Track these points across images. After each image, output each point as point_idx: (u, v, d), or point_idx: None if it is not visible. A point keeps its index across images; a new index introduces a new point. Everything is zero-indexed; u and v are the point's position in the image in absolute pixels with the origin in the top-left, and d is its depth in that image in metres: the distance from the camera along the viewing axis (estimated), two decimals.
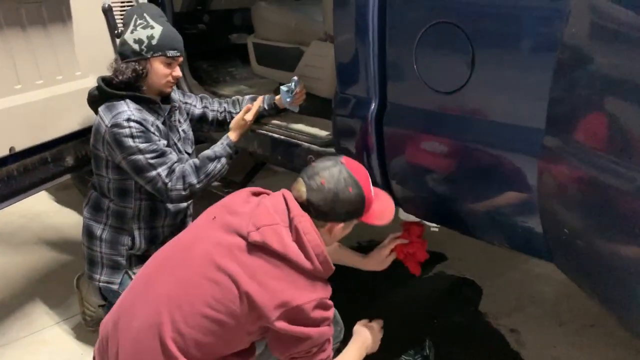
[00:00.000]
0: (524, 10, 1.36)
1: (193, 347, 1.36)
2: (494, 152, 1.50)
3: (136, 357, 1.39)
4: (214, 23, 3.33)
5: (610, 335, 2.15)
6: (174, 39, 1.91)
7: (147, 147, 1.83)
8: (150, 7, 1.99)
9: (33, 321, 2.38)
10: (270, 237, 1.37)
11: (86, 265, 2.06)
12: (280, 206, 1.45)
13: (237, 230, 1.42)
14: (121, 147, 1.83)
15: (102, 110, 1.88)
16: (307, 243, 1.39)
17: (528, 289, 2.51)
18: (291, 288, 1.35)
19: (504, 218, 1.57)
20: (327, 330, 1.43)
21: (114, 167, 1.92)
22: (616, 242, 1.21)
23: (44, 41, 2.04)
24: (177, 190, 1.89)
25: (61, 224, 3.29)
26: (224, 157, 2.00)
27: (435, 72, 1.57)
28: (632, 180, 1.12)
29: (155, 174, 1.85)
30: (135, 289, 1.52)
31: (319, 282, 1.42)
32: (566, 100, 1.27)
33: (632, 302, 1.22)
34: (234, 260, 1.37)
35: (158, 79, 1.91)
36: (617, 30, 1.14)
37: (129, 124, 1.81)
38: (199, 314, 1.35)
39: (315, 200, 1.43)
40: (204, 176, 1.94)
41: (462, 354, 2.10)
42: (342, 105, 1.87)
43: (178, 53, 1.92)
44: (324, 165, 1.48)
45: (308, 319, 1.36)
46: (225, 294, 1.35)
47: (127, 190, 1.96)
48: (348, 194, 1.44)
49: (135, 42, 1.85)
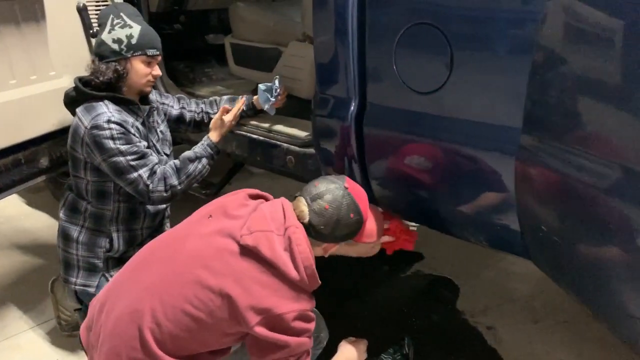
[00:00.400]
0: (500, 13, 1.39)
1: (169, 340, 1.37)
2: (472, 152, 1.52)
3: (115, 341, 1.40)
4: (190, 23, 3.31)
5: (583, 331, 2.21)
6: (153, 37, 1.90)
7: (128, 149, 1.81)
8: (126, 6, 1.97)
9: (6, 326, 2.32)
10: (262, 243, 1.38)
11: (62, 268, 2.02)
12: (277, 214, 1.46)
13: (231, 233, 1.43)
14: (101, 149, 1.80)
15: (80, 111, 1.85)
16: (298, 254, 1.40)
17: (504, 287, 2.55)
18: (275, 296, 1.36)
19: (482, 216, 1.60)
20: (307, 342, 1.43)
21: (92, 169, 1.89)
22: (591, 238, 1.24)
23: (17, 40, 2.00)
24: (159, 192, 1.88)
25: (33, 227, 3.22)
26: (205, 158, 1.99)
27: (414, 72, 1.59)
28: (605, 178, 1.15)
29: (136, 175, 1.83)
30: (124, 277, 1.54)
31: (303, 294, 1.42)
32: (541, 100, 1.30)
33: (606, 296, 1.25)
34: (222, 262, 1.38)
35: (138, 79, 1.89)
36: (589, 32, 1.18)
37: (109, 125, 1.79)
38: (180, 310, 1.36)
39: (316, 223, 1.46)
40: (184, 177, 1.93)
41: (441, 352, 2.13)
42: (322, 106, 1.88)
43: (157, 52, 1.91)
44: (327, 188, 1.50)
45: (288, 329, 1.37)
46: (207, 294, 1.35)
47: (105, 193, 1.93)
48: (349, 220, 1.49)
49: (114, 42, 1.83)
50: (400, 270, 2.72)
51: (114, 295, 1.49)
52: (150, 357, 1.37)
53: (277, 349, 1.38)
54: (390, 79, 1.64)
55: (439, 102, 1.55)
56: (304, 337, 1.41)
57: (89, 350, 1.53)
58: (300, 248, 1.40)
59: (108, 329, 1.42)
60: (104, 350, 1.41)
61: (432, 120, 1.58)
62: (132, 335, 1.37)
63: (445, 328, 2.29)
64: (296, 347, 1.40)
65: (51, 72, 2.16)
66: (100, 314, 1.48)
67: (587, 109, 1.20)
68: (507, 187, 1.45)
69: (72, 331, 2.22)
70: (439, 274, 2.68)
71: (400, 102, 1.65)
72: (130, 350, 1.37)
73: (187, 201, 2.31)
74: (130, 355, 1.37)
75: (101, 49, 1.85)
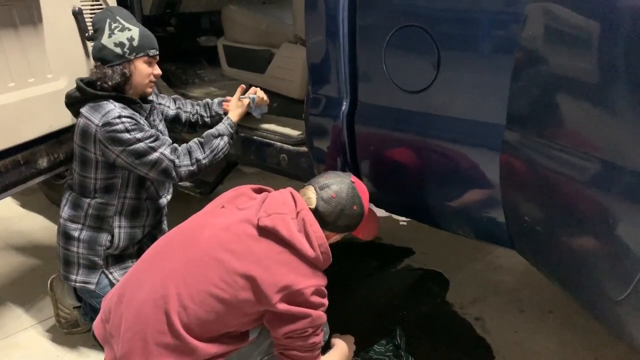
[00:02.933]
0: (484, 15, 1.47)
1: (194, 322, 1.43)
2: (459, 148, 1.60)
3: (139, 327, 1.45)
4: (182, 26, 3.35)
5: (568, 321, 2.29)
6: (152, 38, 1.96)
7: (144, 135, 1.87)
8: (120, 10, 2.01)
9: (5, 325, 2.35)
10: (279, 224, 1.47)
11: (61, 266, 2.06)
12: (288, 200, 1.57)
13: (247, 219, 1.52)
14: (118, 142, 1.84)
15: (86, 110, 1.89)
16: (312, 234, 1.50)
17: (491, 280, 2.63)
18: (293, 273, 1.45)
19: (469, 209, 1.68)
20: (323, 316, 1.53)
21: (103, 167, 1.93)
22: (571, 228, 1.32)
23: (15, 44, 2.03)
24: (185, 165, 1.94)
25: (28, 228, 3.25)
26: (226, 136, 2.05)
27: (403, 72, 1.67)
28: (583, 171, 1.23)
29: (158, 154, 1.88)
30: (142, 266, 1.60)
31: (318, 271, 1.52)
32: (524, 98, 1.38)
33: (586, 284, 1.33)
34: (242, 245, 1.46)
35: (142, 79, 1.94)
36: (567, 33, 1.25)
37: (121, 120, 1.84)
38: (205, 292, 1.43)
39: (322, 210, 1.56)
40: (209, 151, 1.99)
41: (431, 342, 2.20)
42: (314, 105, 1.94)
43: (157, 52, 1.97)
44: (335, 180, 1.61)
45: (307, 302, 1.47)
46: (231, 276, 1.43)
47: (112, 187, 1.97)
48: (352, 211, 1.59)
49: (116, 46, 1.88)
50: (390, 265, 2.79)
51: (133, 285, 1.54)
52: (178, 339, 1.42)
53: (298, 320, 1.47)
54: (380, 78, 1.71)
55: (427, 100, 1.62)
56: (321, 311, 1.51)
57: (106, 342, 1.57)
58: (314, 228, 1.51)
59: (130, 316, 1.47)
60: (127, 337, 1.46)
61: (421, 118, 1.65)
62: (159, 319, 1.43)
63: (435, 319, 2.36)
64: (315, 319, 1.49)
65: (48, 75, 2.20)
66: (120, 305, 1.53)
67: (566, 106, 1.27)
68: (493, 181, 1.53)
69: (71, 328, 2.25)
70: (428, 267, 2.75)
71: (390, 100, 1.73)
72: (157, 334, 1.43)
73: (180, 201, 2.36)
74: (157, 340, 1.43)
75: (103, 53, 1.89)
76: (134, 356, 1.44)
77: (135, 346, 1.45)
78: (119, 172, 1.96)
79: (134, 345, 1.45)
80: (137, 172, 1.93)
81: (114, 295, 1.58)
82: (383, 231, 3.06)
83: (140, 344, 1.44)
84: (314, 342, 1.53)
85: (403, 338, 2.10)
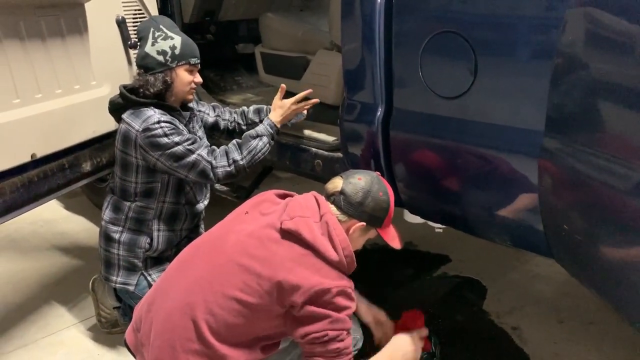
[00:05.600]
0: (523, 20, 1.45)
1: (223, 328, 1.44)
2: (496, 154, 1.58)
3: (167, 335, 1.47)
4: (221, 33, 3.42)
5: (608, 333, 2.23)
6: (194, 47, 2.00)
7: (182, 139, 1.90)
8: (163, 19, 2.06)
9: (49, 323, 2.44)
10: (302, 227, 1.47)
11: (102, 267, 2.12)
12: (311, 203, 1.56)
13: (270, 224, 1.51)
14: (157, 147, 1.89)
15: (127, 116, 1.94)
16: (336, 237, 1.48)
17: (529, 289, 2.58)
18: (317, 275, 1.43)
19: (506, 217, 1.65)
20: (347, 320, 1.47)
21: (144, 172, 1.98)
22: (612, 238, 1.29)
23: (62, 52, 2.12)
24: (222, 166, 1.94)
25: (71, 230, 3.36)
26: (266, 136, 2.04)
27: (440, 78, 1.66)
28: (625, 179, 1.20)
29: (196, 156, 1.91)
30: (170, 275, 1.62)
31: (343, 275, 1.50)
32: (563, 104, 1.36)
33: (628, 295, 1.29)
34: (265, 250, 1.46)
35: (183, 87, 1.99)
36: (609, 38, 1.23)
37: (160, 125, 1.88)
38: (231, 297, 1.44)
39: (348, 190, 1.54)
40: (247, 152, 1.98)
41: (467, 351, 2.17)
42: (350, 111, 1.95)
43: (198, 60, 2.00)
44: (361, 171, 1.62)
45: (331, 303, 1.43)
46: (255, 280, 1.43)
47: (152, 192, 2.02)
48: (379, 197, 1.55)
49: (159, 54, 1.93)
50: (426, 273, 2.76)
51: (161, 294, 1.56)
52: (206, 346, 1.44)
53: (317, 320, 1.43)
54: (416, 84, 1.71)
55: (464, 106, 1.61)
56: (344, 314, 1.46)
57: (137, 351, 1.59)
58: (337, 231, 1.49)
59: (159, 324, 1.49)
60: (156, 344, 1.48)
61: (457, 124, 1.64)
62: (186, 327, 1.44)
63: (471, 328, 2.33)
64: (336, 321, 1.44)
65: (92, 82, 2.28)
66: (149, 313, 1.55)
67: (607, 112, 1.25)
68: (531, 189, 1.50)
69: (111, 328, 2.31)
70: (464, 275, 2.72)
71: (426, 106, 1.72)
72: (185, 341, 1.44)
73: (218, 206, 2.40)
74: (185, 347, 1.44)
75: (146, 61, 1.94)
76: None
77: (164, 354, 1.46)
78: (158, 176, 2.00)
79: (163, 352, 1.46)
80: (177, 175, 1.97)
81: (144, 304, 1.60)
82: (418, 238, 3.05)
83: (169, 351, 1.45)
84: (337, 348, 1.46)
85: (438, 347, 2.08)
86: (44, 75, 2.04)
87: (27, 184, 2.00)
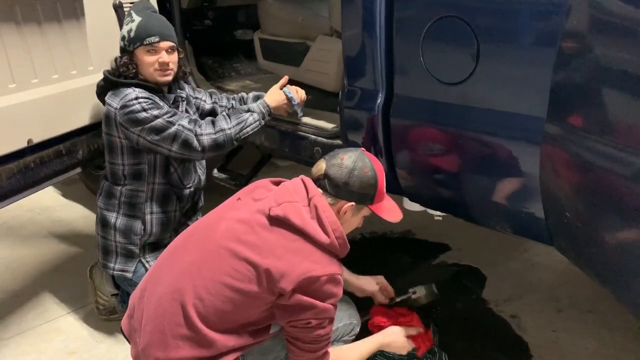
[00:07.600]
0: (526, 5, 1.43)
1: (212, 313, 1.44)
2: (497, 141, 1.57)
3: (158, 320, 1.47)
4: (219, 19, 3.38)
5: (607, 320, 2.23)
6: (152, 26, 1.92)
7: (162, 112, 1.89)
8: (140, 2, 2.03)
9: (47, 310, 2.44)
10: (290, 212, 1.46)
11: (100, 254, 2.11)
12: (299, 188, 1.55)
13: (260, 210, 1.51)
14: (137, 122, 1.87)
15: (108, 97, 1.95)
16: (325, 219, 1.47)
17: (528, 277, 2.58)
18: (307, 261, 1.43)
19: (507, 204, 1.64)
20: (332, 309, 1.48)
21: (129, 152, 1.97)
22: (615, 225, 1.28)
23: (58, 37, 2.09)
24: (208, 134, 1.91)
25: (69, 217, 3.35)
26: (257, 114, 2.02)
27: (441, 64, 1.64)
28: (629, 165, 1.18)
29: (177, 126, 1.88)
30: (162, 261, 1.62)
31: (334, 259, 1.49)
32: (567, 90, 1.34)
33: (630, 282, 1.29)
34: (254, 236, 1.46)
35: (146, 68, 1.95)
36: (614, 23, 1.21)
37: (137, 100, 1.87)
38: (220, 282, 1.43)
39: (332, 173, 1.52)
40: (235, 123, 1.96)
41: (466, 339, 2.17)
42: (350, 98, 1.93)
43: (157, 38, 1.91)
44: (345, 149, 1.60)
45: (318, 291, 1.43)
46: (244, 265, 1.43)
47: (140, 174, 2.01)
48: (363, 174, 1.53)
49: (121, 39, 1.94)
50: (425, 261, 2.76)
51: (153, 281, 1.57)
52: (193, 331, 1.43)
53: (302, 311, 1.44)
54: (417, 70, 1.69)
55: (466, 92, 1.59)
56: (330, 303, 1.46)
57: (131, 337, 1.59)
58: (327, 214, 1.48)
59: (150, 310, 1.50)
60: (147, 330, 1.49)
61: (459, 110, 1.62)
62: (175, 312, 1.45)
63: (470, 316, 2.33)
64: (321, 312, 1.45)
65: (89, 67, 2.25)
66: (142, 299, 1.55)
67: (611, 98, 1.23)
68: (532, 175, 1.49)
69: (109, 315, 2.31)
70: (463, 264, 2.72)
71: (427, 93, 1.70)
72: (174, 326, 1.44)
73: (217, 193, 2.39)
74: (174, 332, 1.44)
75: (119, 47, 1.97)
76: (153, 349, 1.46)
77: (154, 338, 1.46)
78: (144, 157, 1.99)
79: (153, 337, 1.47)
80: (161, 151, 1.94)
81: (138, 290, 1.60)
82: (417, 226, 3.04)
83: (159, 336, 1.45)
84: (318, 335, 1.48)
85: (437, 335, 2.08)
86: (40, 60, 2.02)
87: (24, 170, 1.98)
